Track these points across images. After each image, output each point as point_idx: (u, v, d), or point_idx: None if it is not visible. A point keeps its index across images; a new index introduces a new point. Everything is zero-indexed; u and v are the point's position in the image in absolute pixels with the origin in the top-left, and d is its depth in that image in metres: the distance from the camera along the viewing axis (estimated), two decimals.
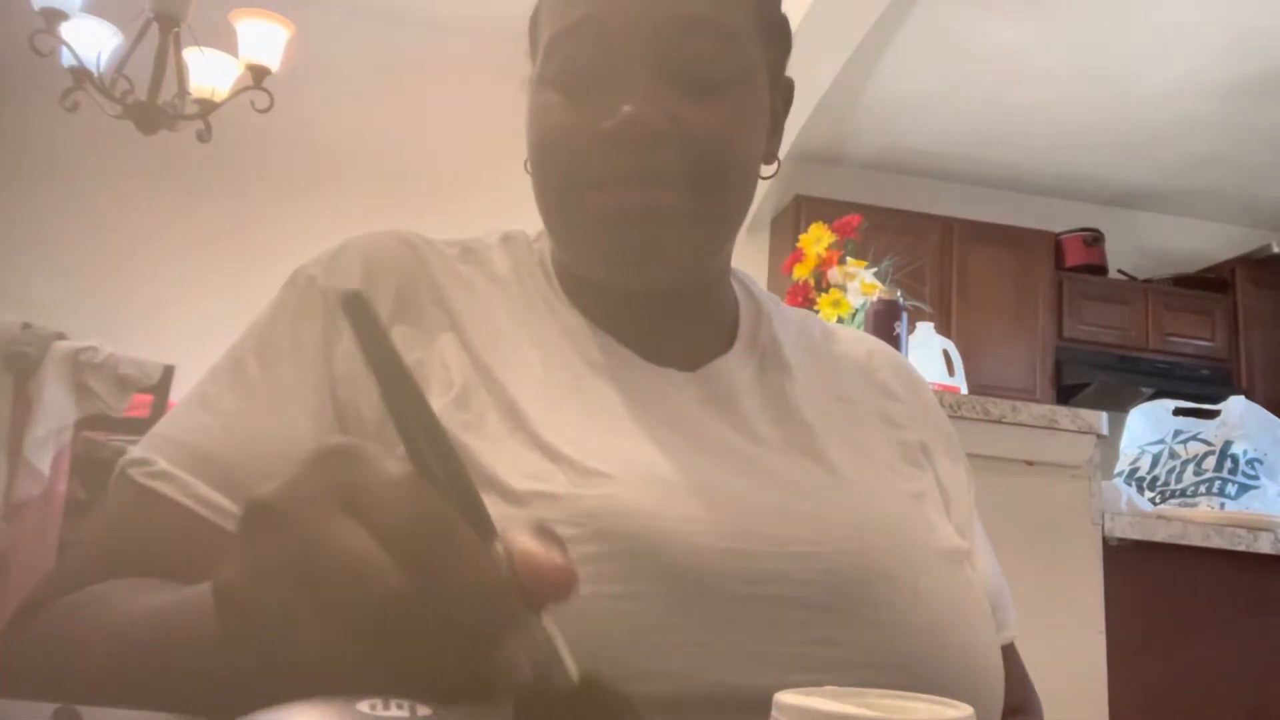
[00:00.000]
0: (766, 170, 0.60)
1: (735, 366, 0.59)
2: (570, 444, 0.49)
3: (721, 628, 0.44)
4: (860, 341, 0.68)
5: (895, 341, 1.72)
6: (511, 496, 0.47)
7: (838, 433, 0.58)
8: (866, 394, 0.63)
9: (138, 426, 2.30)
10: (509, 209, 0.78)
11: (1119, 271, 4.81)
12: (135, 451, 0.52)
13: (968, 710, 0.33)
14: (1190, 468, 1.89)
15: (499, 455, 0.49)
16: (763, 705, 0.41)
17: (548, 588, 0.30)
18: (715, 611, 0.44)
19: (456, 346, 0.55)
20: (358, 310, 0.31)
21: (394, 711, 0.27)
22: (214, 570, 0.31)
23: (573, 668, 0.30)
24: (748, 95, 0.56)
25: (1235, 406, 1.93)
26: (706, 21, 0.53)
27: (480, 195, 3.90)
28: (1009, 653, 0.64)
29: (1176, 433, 1.95)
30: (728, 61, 0.54)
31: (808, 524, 0.49)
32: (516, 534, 0.30)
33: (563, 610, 0.31)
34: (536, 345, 0.56)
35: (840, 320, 1.97)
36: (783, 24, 0.61)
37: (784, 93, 0.62)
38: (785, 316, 0.66)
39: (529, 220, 0.76)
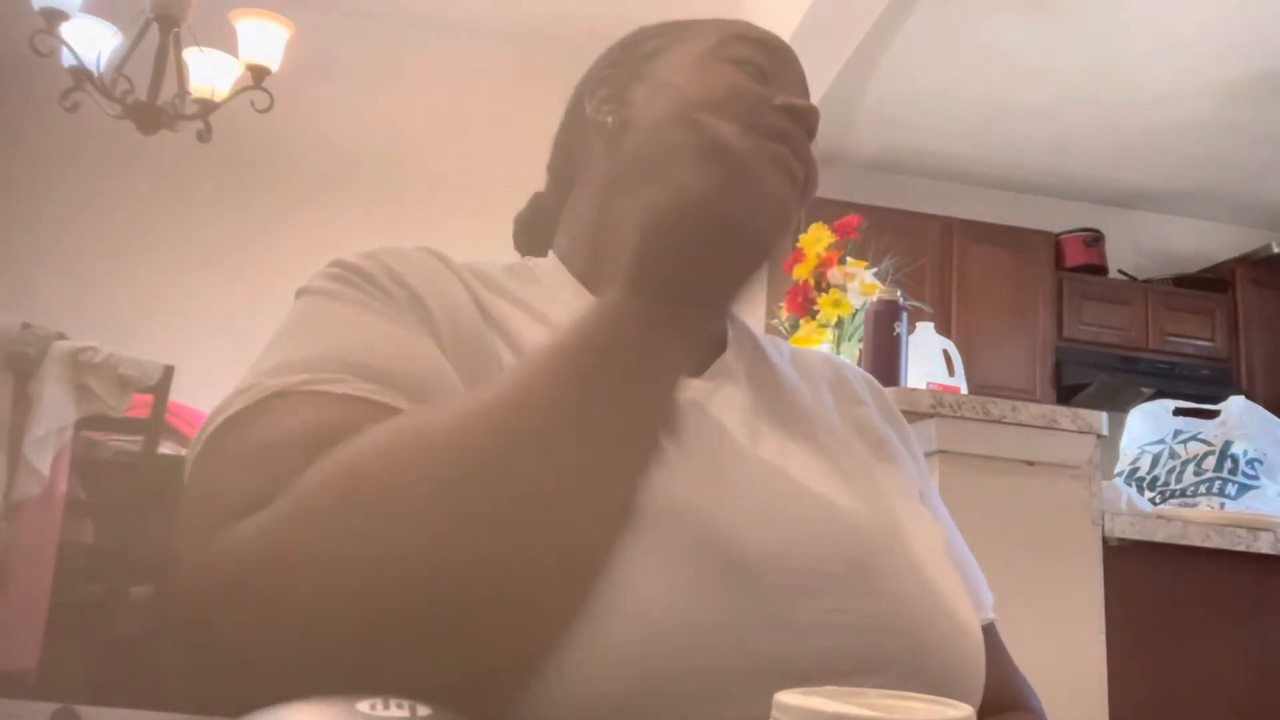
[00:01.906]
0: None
1: (732, 362, 0.65)
2: None
3: (761, 598, 0.48)
4: (825, 358, 0.76)
5: (895, 341, 1.71)
6: None
7: (823, 427, 0.64)
8: (837, 400, 0.70)
9: (138, 426, 2.30)
10: (510, 208, 0.78)
11: (1119, 271, 4.81)
12: (267, 380, 0.49)
13: (967, 710, 0.34)
14: (1190, 468, 1.89)
15: None
16: (792, 671, 0.46)
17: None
18: (755, 583, 0.48)
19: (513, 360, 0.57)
20: None
21: (394, 711, 0.27)
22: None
23: None
24: None
25: (1235, 406, 1.93)
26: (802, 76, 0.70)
27: (481, 194, 3.89)
28: (991, 634, 0.68)
29: (1176, 433, 1.95)
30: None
31: (818, 503, 0.54)
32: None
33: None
34: None
35: (840, 320, 1.97)
36: None
37: None
38: (756, 330, 0.73)
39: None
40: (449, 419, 0.45)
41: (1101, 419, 1.54)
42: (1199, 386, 4.40)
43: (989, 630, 0.68)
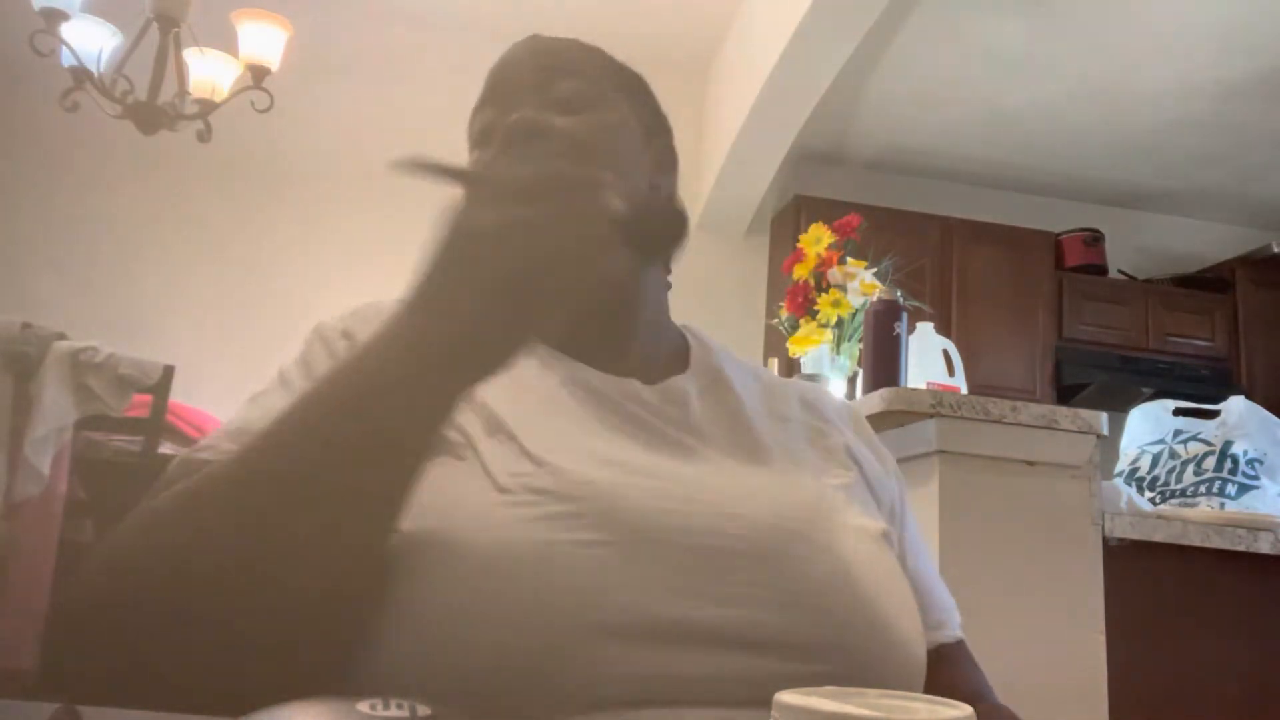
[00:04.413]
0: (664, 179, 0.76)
1: (688, 381, 0.70)
2: (550, 452, 0.58)
3: (665, 570, 0.52)
4: (798, 383, 0.80)
5: (895, 341, 1.72)
6: (501, 489, 0.56)
7: (771, 438, 0.68)
8: (801, 415, 0.73)
9: (138, 426, 2.30)
10: None
11: (1119, 271, 4.81)
12: (208, 438, 0.60)
13: (967, 710, 0.34)
14: (1190, 468, 1.89)
15: (492, 459, 0.57)
16: (697, 634, 0.51)
17: None
18: (661, 557, 0.53)
19: None
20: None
21: (394, 711, 0.27)
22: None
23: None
24: (607, 113, 0.71)
25: (1235, 406, 1.93)
26: (564, 69, 0.72)
27: None
28: (959, 651, 0.69)
29: (1176, 433, 1.95)
30: (586, 92, 0.71)
31: (740, 495, 0.59)
32: None
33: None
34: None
35: (840, 320, 1.97)
36: (636, 80, 0.77)
37: (662, 137, 0.78)
38: (733, 358, 0.77)
39: None
40: (230, 462, 0.51)
41: (1101, 419, 1.54)
42: (1199, 386, 4.40)
43: (957, 648, 0.69)
